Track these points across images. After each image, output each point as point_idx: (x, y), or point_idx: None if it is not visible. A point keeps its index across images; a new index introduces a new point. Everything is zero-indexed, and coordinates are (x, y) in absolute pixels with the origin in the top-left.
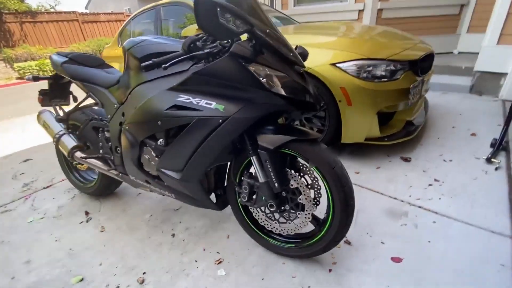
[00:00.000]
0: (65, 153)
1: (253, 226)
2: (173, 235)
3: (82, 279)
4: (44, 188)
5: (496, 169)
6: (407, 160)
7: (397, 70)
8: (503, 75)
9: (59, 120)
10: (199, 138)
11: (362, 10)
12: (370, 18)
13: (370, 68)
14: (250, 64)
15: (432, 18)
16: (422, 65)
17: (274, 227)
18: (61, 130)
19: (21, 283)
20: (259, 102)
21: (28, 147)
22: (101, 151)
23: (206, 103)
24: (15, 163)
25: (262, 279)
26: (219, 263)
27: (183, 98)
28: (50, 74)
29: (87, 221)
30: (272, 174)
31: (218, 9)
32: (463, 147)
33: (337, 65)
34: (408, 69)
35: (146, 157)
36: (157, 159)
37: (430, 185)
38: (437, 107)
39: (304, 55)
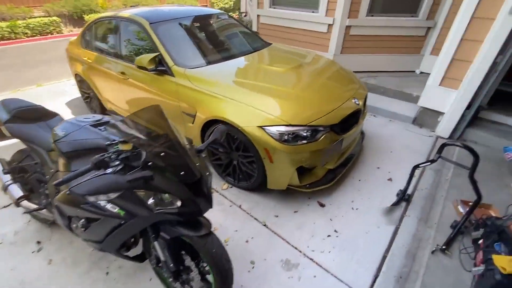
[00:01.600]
0: (13, 203)
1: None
2: (107, 273)
3: None
4: (4, 207)
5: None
6: (322, 205)
7: (318, 133)
8: (440, 113)
9: (5, 172)
10: (109, 228)
11: (331, 25)
12: (338, 33)
13: (291, 134)
14: (139, 190)
15: (399, 37)
16: (347, 124)
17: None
18: (8, 180)
19: None
20: (147, 216)
21: None
22: (43, 201)
23: (111, 207)
24: None
25: None
26: None
27: (93, 199)
28: None
29: (38, 251)
30: (169, 256)
31: None
32: (375, 193)
33: (264, 127)
34: (329, 130)
35: (74, 225)
36: (82, 229)
37: (328, 236)
38: (376, 137)
39: (222, 132)
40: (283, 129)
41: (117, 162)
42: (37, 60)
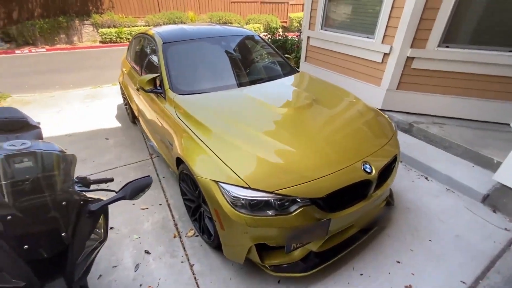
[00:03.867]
0: None
1: None
2: None
3: None
4: None
5: None
6: None
7: (292, 204)
8: None
9: None
10: None
11: (388, 54)
12: (395, 65)
13: (250, 201)
14: None
15: (488, 77)
16: (346, 197)
17: None
18: None
19: None
20: None
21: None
22: None
23: None
24: None
25: None
26: None
27: None
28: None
29: None
30: None
31: None
32: None
33: (219, 183)
34: (309, 204)
35: None
36: None
37: None
38: (416, 211)
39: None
40: (239, 192)
41: None
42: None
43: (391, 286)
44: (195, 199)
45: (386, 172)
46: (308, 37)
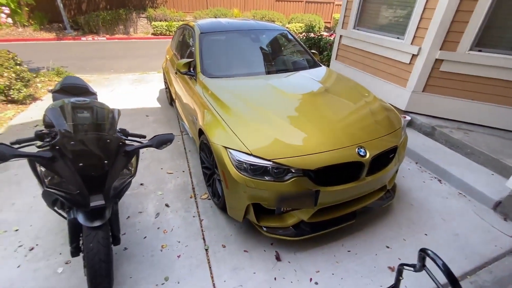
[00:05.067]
0: None
1: None
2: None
3: None
4: None
5: None
6: (278, 259)
7: (287, 173)
8: None
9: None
10: None
11: (416, 55)
12: (422, 66)
13: (251, 165)
14: (42, 166)
15: None
16: (340, 175)
17: None
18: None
19: None
20: (44, 191)
21: None
22: None
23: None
24: None
25: None
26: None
27: None
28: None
29: None
30: (69, 233)
31: None
32: (356, 278)
33: (228, 149)
34: (301, 175)
35: None
36: None
37: None
38: (421, 208)
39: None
40: (243, 157)
41: (48, 139)
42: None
43: (374, 266)
44: (210, 167)
45: (383, 160)
46: (341, 36)
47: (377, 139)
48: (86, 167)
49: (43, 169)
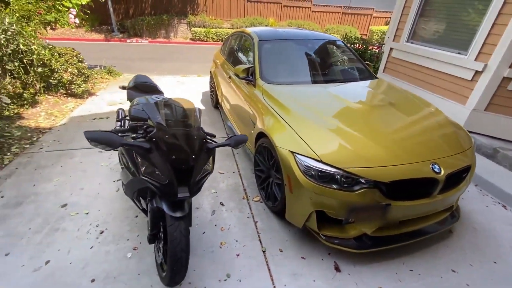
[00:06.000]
0: None
1: None
2: (136, 216)
3: None
4: None
5: None
6: (338, 270)
7: (357, 183)
8: None
9: (118, 120)
10: (127, 178)
11: (480, 72)
12: (487, 84)
13: (320, 172)
14: (139, 156)
15: None
16: (412, 191)
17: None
18: (117, 126)
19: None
20: (137, 177)
21: None
22: None
23: (125, 161)
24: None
25: None
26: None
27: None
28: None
29: (119, 180)
30: (150, 221)
31: None
32: None
33: (295, 154)
34: (373, 187)
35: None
36: (121, 170)
37: None
38: (485, 234)
39: (237, 141)
40: (311, 163)
41: (141, 131)
42: (206, 59)
43: (440, 284)
44: (266, 170)
45: (456, 180)
46: (391, 49)
47: (450, 156)
48: (177, 159)
49: (139, 158)
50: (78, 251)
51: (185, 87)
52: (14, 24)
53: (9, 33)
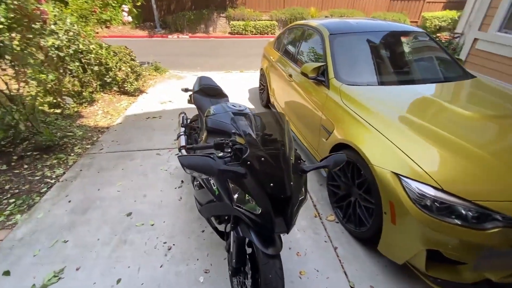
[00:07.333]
0: (178, 148)
1: None
2: (203, 231)
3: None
4: (173, 149)
5: None
6: None
7: (488, 219)
8: None
9: (183, 125)
10: (207, 199)
11: None
12: None
13: (439, 203)
14: (231, 181)
15: None
16: None
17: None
18: (181, 131)
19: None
20: (228, 206)
21: None
22: None
23: (213, 183)
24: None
25: None
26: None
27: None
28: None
29: (178, 187)
30: (235, 251)
31: None
32: None
33: (401, 177)
34: (509, 226)
35: (194, 182)
36: (196, 188)
37: None
38: None
39: (337, 162)
40: (428, 190)
41: (229, 150)
42: (247, 53)
43: None
44: (345, 187)
45: None
46: (475, 39)
47: None
48: (275, 187)
49: (231, 184)
50: (148, 270)
51: (231, 84)
52: (75, 25)
53: (71, 33)
